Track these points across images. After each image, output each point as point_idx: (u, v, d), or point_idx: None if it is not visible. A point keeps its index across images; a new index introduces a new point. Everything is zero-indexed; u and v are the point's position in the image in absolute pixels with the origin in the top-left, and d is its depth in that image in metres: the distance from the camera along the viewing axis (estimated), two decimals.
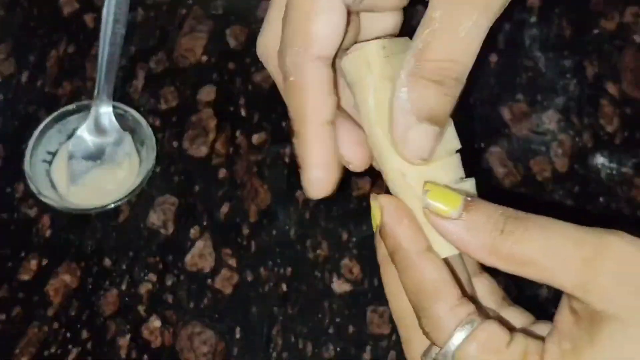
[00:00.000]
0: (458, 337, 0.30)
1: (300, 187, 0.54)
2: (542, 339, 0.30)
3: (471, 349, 0.30)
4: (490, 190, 0.54)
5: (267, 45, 0.34)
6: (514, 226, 0.29)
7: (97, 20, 0.61)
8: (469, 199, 0.30)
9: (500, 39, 0.61)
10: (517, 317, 0.34)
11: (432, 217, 0.30)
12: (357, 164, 0.35)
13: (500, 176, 0.54)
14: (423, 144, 0.30)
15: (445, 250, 0.31)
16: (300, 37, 0.31)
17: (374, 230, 0.33)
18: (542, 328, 0.32)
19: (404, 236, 0.31)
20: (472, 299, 0.32)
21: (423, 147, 0.30)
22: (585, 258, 0.28)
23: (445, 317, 0.30)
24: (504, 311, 0.34)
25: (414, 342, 0.34)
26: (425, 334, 0.32)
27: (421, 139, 0.30)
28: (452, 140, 0.32)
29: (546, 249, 0.28)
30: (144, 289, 0.51)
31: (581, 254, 0.28)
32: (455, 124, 0.33)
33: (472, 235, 0.29)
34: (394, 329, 0.49)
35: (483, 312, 0.32)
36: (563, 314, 0.30)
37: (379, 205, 0.32)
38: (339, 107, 0.34)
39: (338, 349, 0.49)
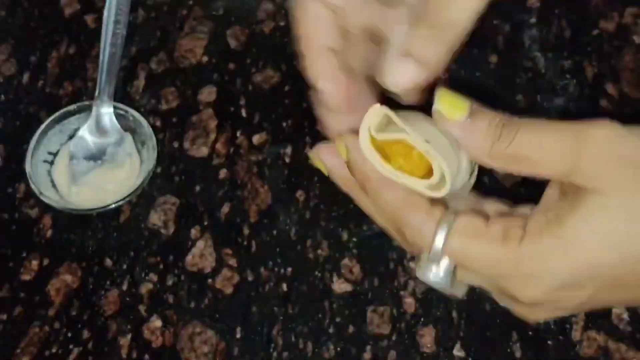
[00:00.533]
0: (440, 236, 0.33)
1: (300, 187, 0.55)
2: (524, 216, 0.34)
3: (455, 242, 0.33)
4: (490, 190, 0.55)
5: None
6: (509, 130, 0.33)
7: (98, 20, 0.61)
8: (474, 106, 0.34)
9: (500, 40, 0.61)
10: (494, 205, 0.37)
11: (442, 121, 0.34)
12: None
13: (500, 176, 0.54)
14: (403, 76, 0.34)
15: None
16: None
17: (326, 173, 0.38)
18: (523, 209, 0.36)
19: (372, 167, 0.35)
20: (441, 203, 0.35)
21: (403, 79, 0.34)
22: (571, 145, 0.32)
23: (424, 223, 0.34)
24: (481, 202, 0.38)
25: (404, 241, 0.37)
26: (412, 245, 0.35)
27: (403, 72, 0.34)
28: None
29: (536, 145, 0.33)
30: (144, 288, 0.51)
31: (567, 142, 0.32)
32: None
33: (474, 139, 0.34)
34: (394, 329, 0.49)
35: (454, 210, 0.35)
36: (550, 191, 0.34)
37: (344, 144, 0.36)
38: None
39: (338, 349, 0.49)
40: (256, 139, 0.57)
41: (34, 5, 0.64)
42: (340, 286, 0.51)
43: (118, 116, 0.55)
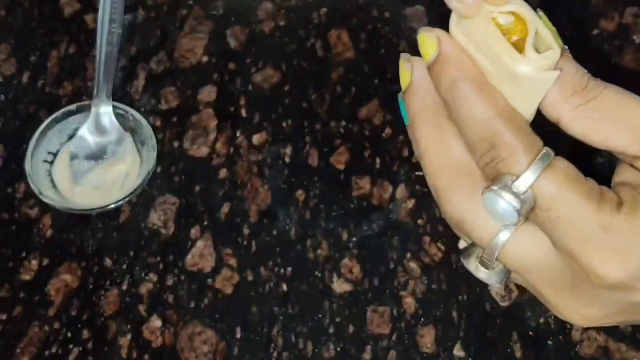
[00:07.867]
0: (535, 169, 0.28)
1: (300, 187, 0.54)
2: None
3: (549, 180, 0.28)
4: None
5: None
6: (595, 84, 0.30)
7: None
8: (566, 47, 0.29)
9: None
10: None
11: None
12: None
13: None
14: None
15: None
16: None
17: (404, 87, 0.32)
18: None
19: (469, 63, 0.30)
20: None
21: None
22: None
23: (522, 144, 0.29)
24: None
25: (454, 190, 0.32)
26: (493, 168, 0.29)
27: None
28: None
29: (620, 110, 0.29)
30: (144, 288, 0.51)
31: None
32: None
33: (559, 81, 0.29)
34: (394, 329, 0.49)
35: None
36: (626, 173, 0.31)
37: (435, 37, 0.30)
38: None
39: (338, 349, 0.49)
40: (256, 138, 0.57)
41: (33, 5, 0.64)
42: (340, 286, 0.51)
43: (118, 116, 0.55)
